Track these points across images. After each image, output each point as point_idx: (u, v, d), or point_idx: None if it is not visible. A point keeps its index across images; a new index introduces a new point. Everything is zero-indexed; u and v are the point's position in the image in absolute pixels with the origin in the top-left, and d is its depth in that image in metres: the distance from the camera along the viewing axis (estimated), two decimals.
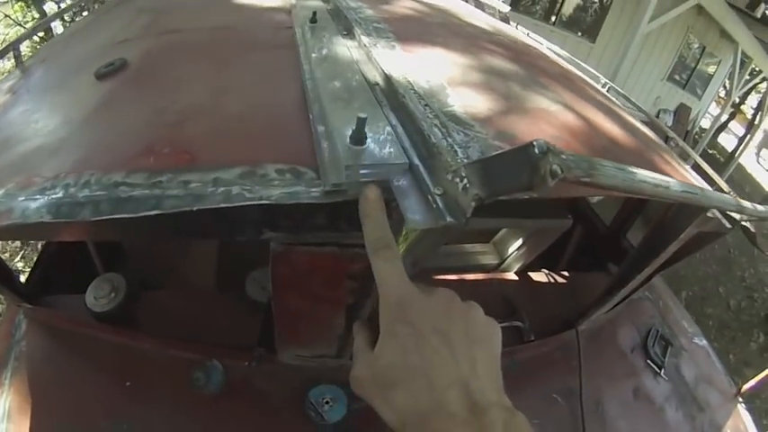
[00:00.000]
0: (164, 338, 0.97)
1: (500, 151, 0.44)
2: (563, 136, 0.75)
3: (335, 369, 0.95)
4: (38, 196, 0.55)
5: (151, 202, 0.51)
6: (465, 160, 0.55)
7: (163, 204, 0.51)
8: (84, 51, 1.18)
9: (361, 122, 0.51)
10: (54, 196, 0.54)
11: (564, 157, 0.39)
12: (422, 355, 0.41)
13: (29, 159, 0.65)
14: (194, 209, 0.50)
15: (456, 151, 0.57)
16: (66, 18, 4.72)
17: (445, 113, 0.68)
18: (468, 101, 0.75)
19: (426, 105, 0.68)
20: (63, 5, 7.49)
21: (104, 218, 0.51)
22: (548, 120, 0.80)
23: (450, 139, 0.60)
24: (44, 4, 7.12)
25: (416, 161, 0.54)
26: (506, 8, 2.03)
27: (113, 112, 0.76)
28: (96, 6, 2.74)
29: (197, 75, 0.86)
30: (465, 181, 0.46)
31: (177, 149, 0.59)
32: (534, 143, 0.38)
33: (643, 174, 0.47)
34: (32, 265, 1.41)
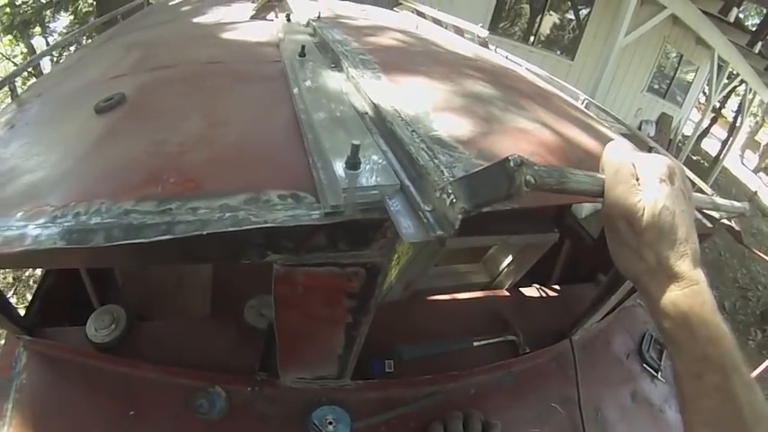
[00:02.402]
0: (166, 367, 0.97)
1: (481, 167, 0.48)
2: (540, 151, 0.80)
3: (336, 390, 0.97)
4: (49, 224, 0.58)
5: (162, 228, 0.55)
6: (450, 178, 0.59)
7: (174, 230, 0.54)
8: (79, 86, 1.22)
9: (356, 149, 0.55)
10: (66, 224, 0.57)
11: (536, 168, 0.44)
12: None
13: (35, 189, 0.68)
14: (204, 233, 0.53)
15: (442, 171, 0.61)
16: (53, 54, 4.79)
17: (431, 137, 0.72)
18: (452, 125, 0.80)
19: (413, 131, 0.73)
20: (51, 40, 7.63)
21: (118, 243, 0.53)
22: (526, 138, 0.85)
23: (436, 161, 0.64)
24: (32, 38, 7.22)
25: (407, 182, 0.59)
26: (485, 33, 2.11)
27: (116, 145, 0.79)
28: (85, 41, 2.79)
29: (194, 108, 0.90)
30: (452, 197, 0.50)
31: (183, 178, 0.63)
32: (510, 158, 0.43)
33: None
34: (24, 300, 1.41)
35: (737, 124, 10.15)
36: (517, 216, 1.21)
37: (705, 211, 1.00)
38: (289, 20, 1.54)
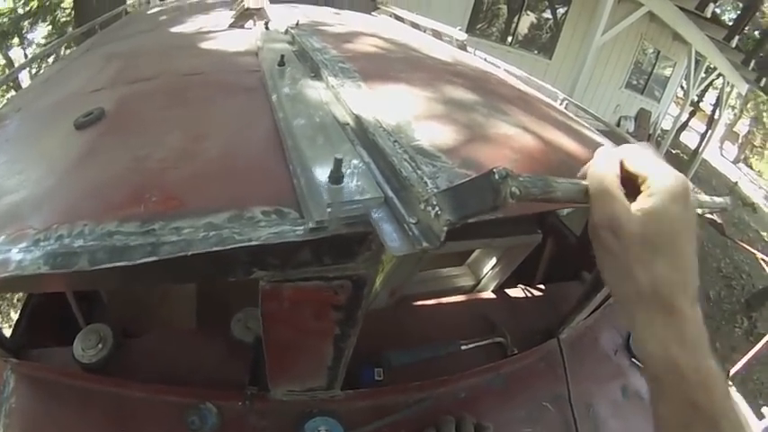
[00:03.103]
0: (155, 384, 0.96)
1: (465, 179, 0.48)
2: (522, 157, 0.81)
3: (327, 401, 0.97)
4: (32, 248, 0.56)
5: (147, 249, 0.54)
6: (435, 190, 0.59)
7: (159, 251, 0.54)
8: (58, 100, 1.20)
9: (338, 163, 0.55)
10: (49, 247, 0.56)
11: (521, 179, 0.44)
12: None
13: (17, 210, 0.67)
14: (189, 254, 0.53)
15: (426, 182, 0.62)
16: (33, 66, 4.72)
17: (413, 147, 0.72)
18: (434, 134, 0.80)
19: (395, 141, 0.73)
20: (29, 51, 7.51)
21: (102, 267, 0.53)
22: (507, 144, 0.86)
23: (419, 172, 0.64)
24: (10, 50, 7.10)
25: (390, 194, 0.59)
26: (463, 36, 2.13)
27: (97, 162, 0.78)
28: (63, 51, 2.75)
29: (174, 121, 0.89)
30: (436, 208, 0.50)
31: (165, 196, 0.62)
32: (494, 170, 0.43)
33: None
34: (8, 318, 1.38)
35: (716, 117, 10.36)
36: (500, 220, 1.23)
37: None
38: (267, 28, 1.54)
